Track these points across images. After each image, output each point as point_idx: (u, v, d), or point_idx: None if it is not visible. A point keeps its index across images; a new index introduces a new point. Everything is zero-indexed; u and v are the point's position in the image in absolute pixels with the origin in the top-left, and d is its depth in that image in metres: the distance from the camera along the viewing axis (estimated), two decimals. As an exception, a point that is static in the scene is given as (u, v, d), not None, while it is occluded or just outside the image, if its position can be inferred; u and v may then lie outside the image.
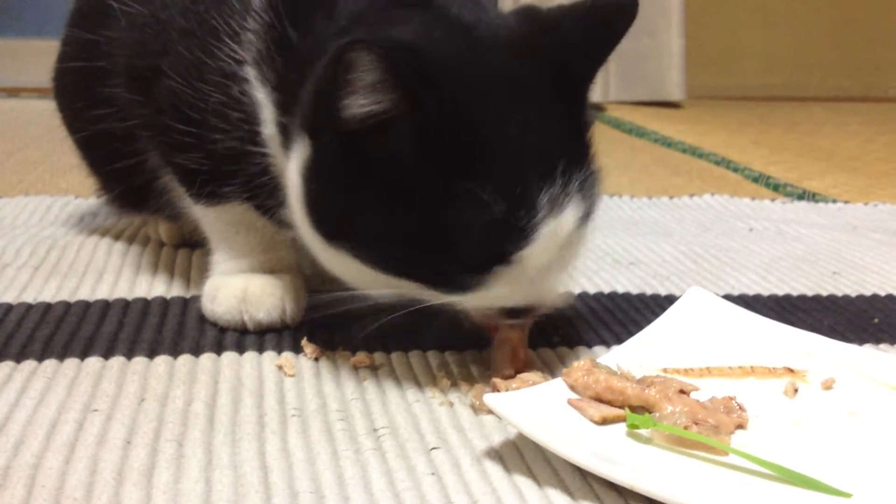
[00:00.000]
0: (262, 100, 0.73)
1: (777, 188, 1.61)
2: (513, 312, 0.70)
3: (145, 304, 0.87)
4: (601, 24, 0.71)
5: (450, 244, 0.65)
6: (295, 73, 0.71)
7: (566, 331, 0.83)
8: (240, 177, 0.77)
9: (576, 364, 0.66)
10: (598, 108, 2.62)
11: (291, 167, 0.70)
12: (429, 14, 0.69)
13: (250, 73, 0.74)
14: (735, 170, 1.78)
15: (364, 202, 0.66)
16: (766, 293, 0.98)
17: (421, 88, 0.62)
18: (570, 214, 0.67)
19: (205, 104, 0.75)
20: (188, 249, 1.05)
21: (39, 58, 1.09)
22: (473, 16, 0.70)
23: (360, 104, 0.62)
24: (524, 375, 0.70)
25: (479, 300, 0.68)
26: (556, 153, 0.66)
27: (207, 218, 0.85)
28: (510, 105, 0.66)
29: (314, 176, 0.67)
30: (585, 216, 0.69)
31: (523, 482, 0.58)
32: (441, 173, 0.63)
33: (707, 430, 0.60)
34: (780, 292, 0.98)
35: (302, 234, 0.72)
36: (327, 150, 0.66)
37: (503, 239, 0.65)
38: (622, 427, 0.62)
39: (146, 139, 0.85)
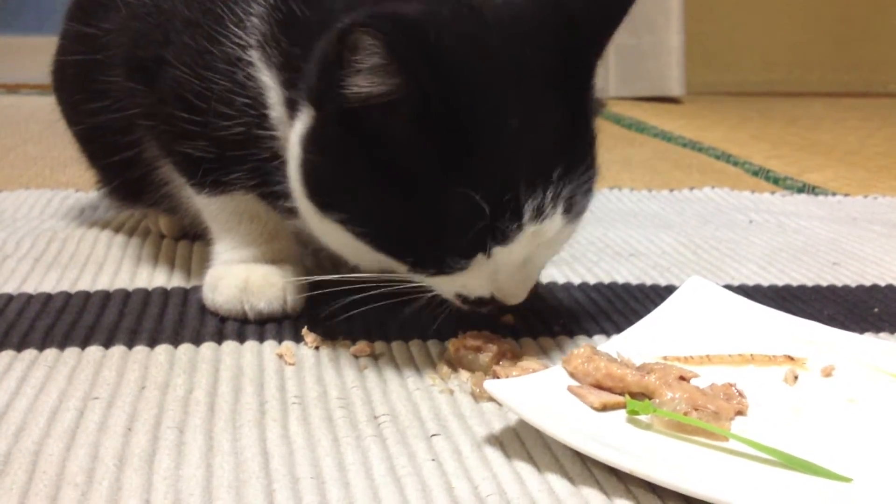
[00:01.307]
0: (268, 82, 0.74)
1: (777, 182, 1.61)
2: (478, 301, 0.71)
3: (146, 294, 0.87)
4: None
5: (433, 230, 0.66)
6: (300, 48, 0.71)
7: (566, 320, 0.84)
8: (248, 163, 0.77)
9: (575, 351, 0.66)
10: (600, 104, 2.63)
11: (293, 136, 0.70)
12: None
13: (255, 56, 0.74)
14: (735, 164, 1.78)
15: (358, 176, 0.66)
16: (766, 284, 0.98)
17: (423, 75, 0.62)
18: (553, 222, 0.67)
19: (210, 92, 0.75)
20: (188, 241, 1.05)
21: (39, 54, 1.09)
22: None
23: (362, 85, 0.63)
24: (524, 363, 0.70)
25: (452, 285, 0.70)
26: (552, 156, 0.66)
27: (210, 208, 0.85)
28: (513, 98, 0.65)
29: (313, 145, 0.68)
30: (572, 219, 0.70)
31: (524, 468, 0.58)
32: (435, 161, 0.64)
33: (707, 417, 0.60)
34: (780, 283, 0.98)
35: (298, 204, 0.72)
36: (329, 121, 0.67)
37: (485, 235, 0.65)
38: (622, 413, 0.62)
39: (145, 129, 0.85)
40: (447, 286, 0.70)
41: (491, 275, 0.69)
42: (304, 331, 0.77)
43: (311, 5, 0.71)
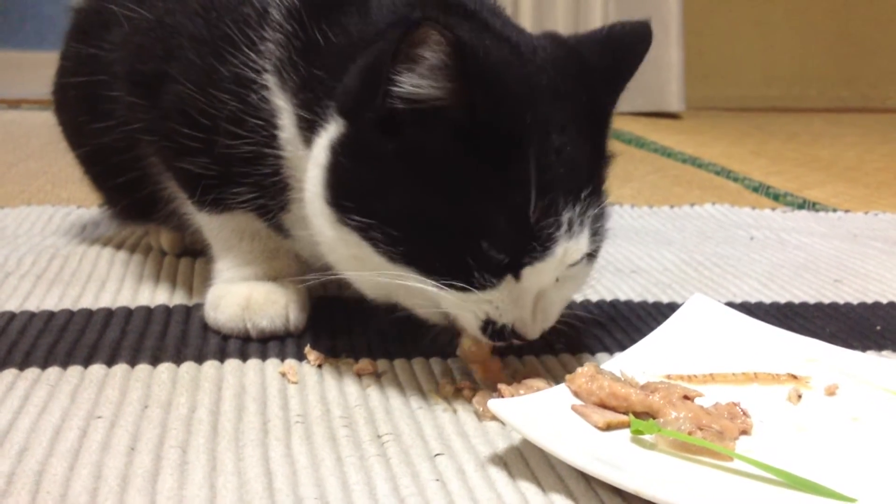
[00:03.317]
0: (282, 105, 0.74)
1: (777, 198, 1.61)
2: (500, 331, 0.69)
3: (148, 312, 0.87)
4: (621, 51, 0.73)
5: (476, 237, 0.65)
6: (323, 71, 0.71)
7: (569, 338, 0.83)
8: (251, 178, 0.77)
9: (579, 370, 0.66)
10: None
11: (318, 145, 0.70)
12: (475, 24, 0.70)
13: (270, 80, 0.74)
14: (735, 180, 1.78)
15: (395, 183, 0.65)
16: (767, 301, 0.98)
17: (481, 85, 0.63)
18: (581, 242, 0.68)
19: (217, 111, 0.75)
20: (190, 258, 1.05)
21: (40, 70, 1.09)
22: (514, 34, 0.72)
23: (415, 83, 0.63)
24: (528, 381, 0.70)
25: (479, 304, 0.67)
26: (583, 177, 0.67)
27: (211, 226, 0.85)
28: (554, 118, 0.66)
29: (347, 151, 0.67)
30: (591, 253, 0.70)
31: (527, 488, 0.58)
32: (482, 168, 0.64)
33: (711, 436, 0.60)
34: (782, 300, 0.99)
35: (308, 211, 0.71)
36: (368, 126, 0.66)
37: (526, 241, 0.65)
38: (626, 433, 0.62)
39: (147, 144, 0.85)
40: (475, 306, 0.68)
41: (517, 300, 0.67)
42: (307, 349, 0.77)
43: (336, 32, 0.72)
